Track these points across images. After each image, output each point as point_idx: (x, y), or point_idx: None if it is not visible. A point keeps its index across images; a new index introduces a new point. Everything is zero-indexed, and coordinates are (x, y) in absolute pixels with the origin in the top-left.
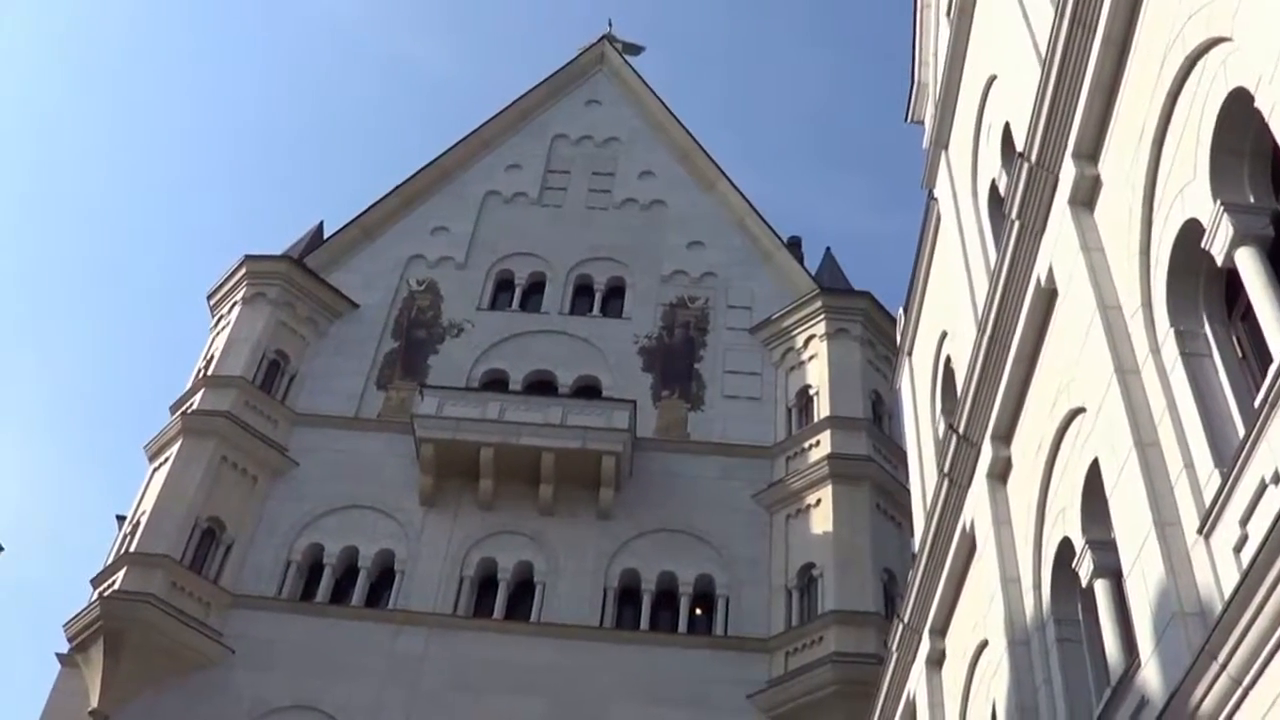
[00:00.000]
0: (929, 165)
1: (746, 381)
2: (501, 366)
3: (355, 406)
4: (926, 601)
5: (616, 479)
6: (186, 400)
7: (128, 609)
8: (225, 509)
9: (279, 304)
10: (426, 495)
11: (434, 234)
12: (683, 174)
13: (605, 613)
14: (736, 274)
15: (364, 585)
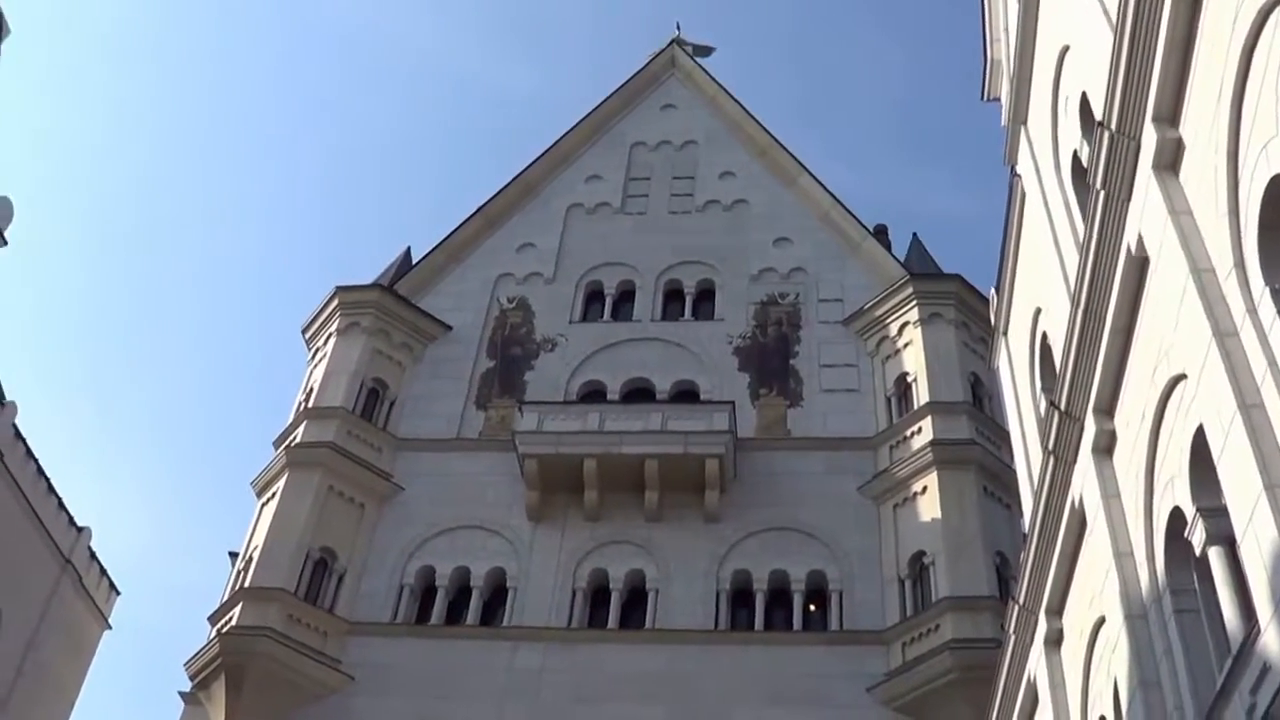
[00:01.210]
0: (1009, 142)
1: (843, 374)
2: (598, 377)
3: (456, 428)
4: (1040, 582)
5: (721, 481)
6: (290, 434)
7: (246, 643)
8: (335, 538)
9: (373, 332)
10: (533, 510)
11: (520, 251)
12: (763, 171)
13: (719, 615)
14: (825, 267)
15: (478, 604)
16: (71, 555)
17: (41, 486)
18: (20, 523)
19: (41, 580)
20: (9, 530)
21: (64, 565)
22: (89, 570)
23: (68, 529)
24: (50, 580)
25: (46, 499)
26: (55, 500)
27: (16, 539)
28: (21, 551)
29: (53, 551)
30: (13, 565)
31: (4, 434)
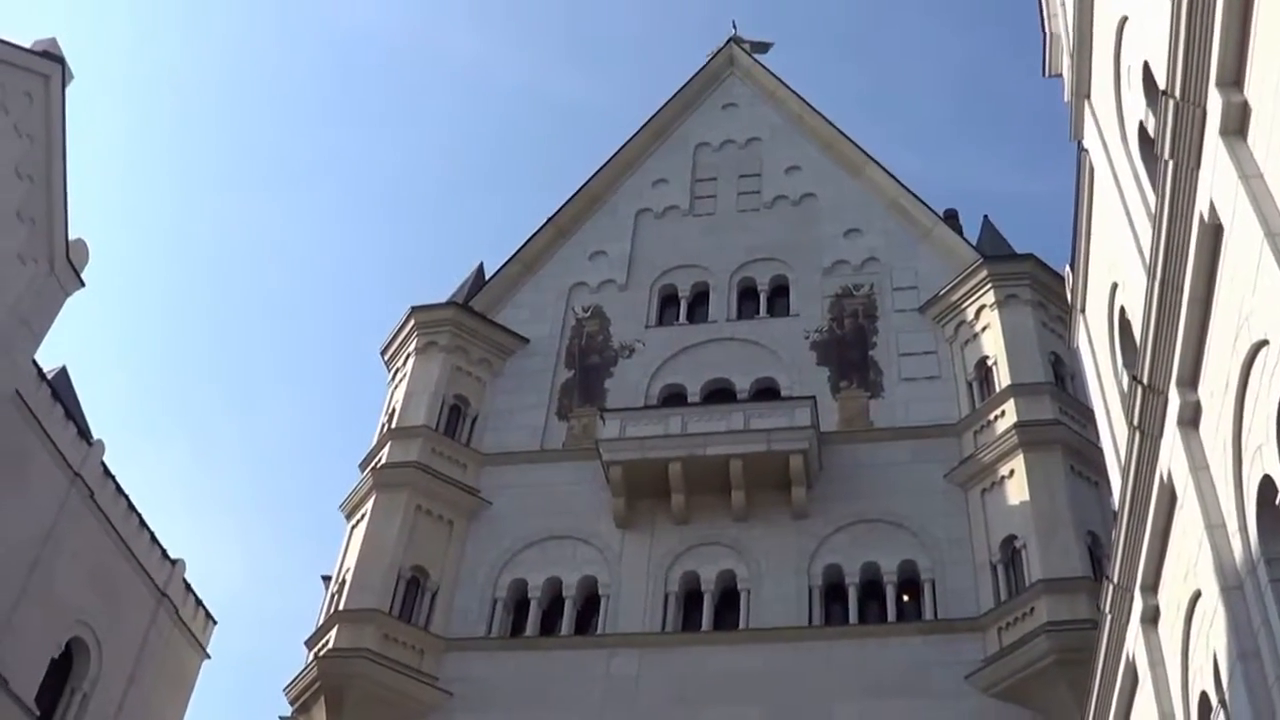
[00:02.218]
0: (1074, 117)
1: (923, 361)
2: (677, 380)
3: (539, 439)
4: (1133, 559)
5: (807, 477)
6: (375, 455)
7: (344, 665)
8: (426, 556)
9: (451, 350)
10: (621, 517)
11: (592, 259)
12: (829, 164)
13: (812, 611)
14: (897, 255)
15: (571, 614)
16: (167, 588)
17: (133, 522)
18: (114, 558)
19: (139, 614)
20: (104, 566)
21: (160, 598)
22: (185, 602)
23: (161, 562)
24: (147, 614)
25: (139, 534)
26: (148, 535)
27: (112, 574)
28: (117, 587)
29: (148, 585)
30: (110, 601)
31: (93, 472)
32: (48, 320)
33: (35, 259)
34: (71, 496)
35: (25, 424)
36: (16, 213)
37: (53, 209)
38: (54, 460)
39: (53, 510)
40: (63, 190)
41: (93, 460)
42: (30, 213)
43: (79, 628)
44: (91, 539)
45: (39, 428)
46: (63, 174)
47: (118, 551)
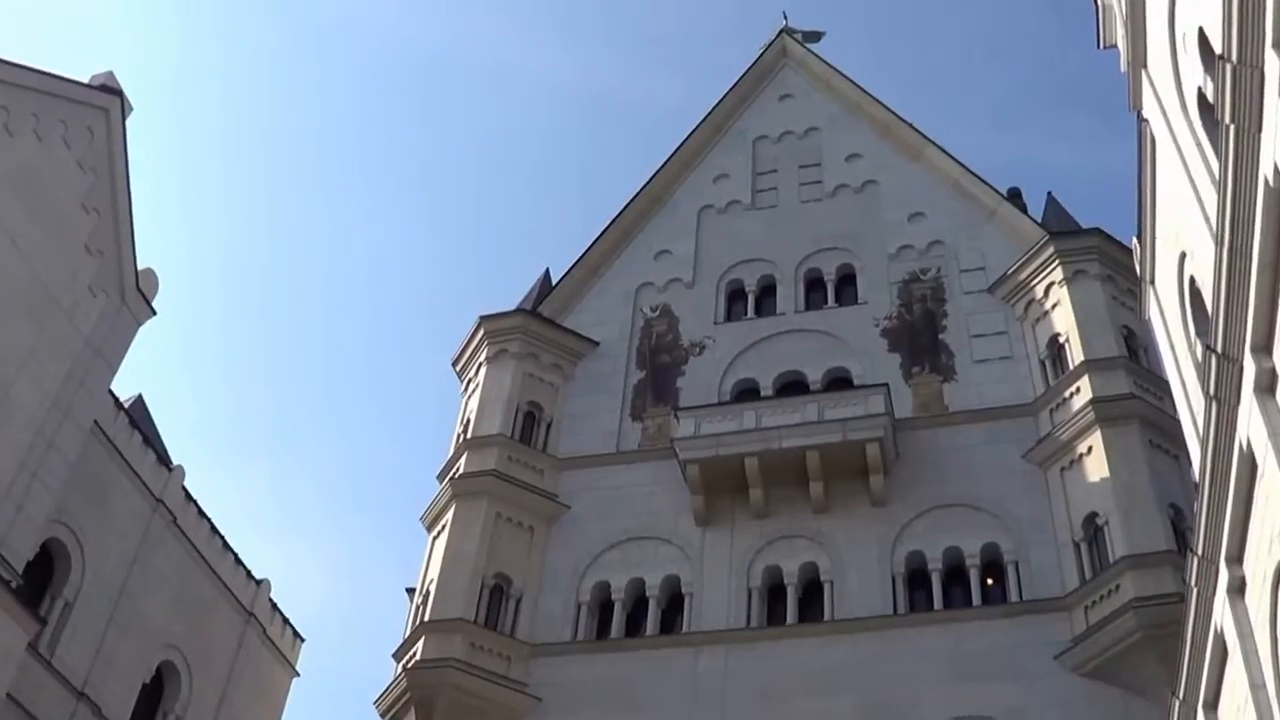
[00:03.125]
0: (1132, 87)
1: (994, 342)
2: (749, 375)
3: (615, 441)
4: (1217, 530)
5: (884, 465)
6: (452, 466)
7: (433, 675)
8: (508, 563)
9: (522, 357)
10: (700, 515)
11: (658, 259)
12: (889, 149)
13: (897, 599)
14: (963, 237)
15: (655, 614)
16: (253, 608)
17: (217, 544)
18: (200, 581)
19: (227, 635)
20: (190, 589)
21: (247, 618)
22: (272, 621)
23: (247, 583)
24: (235, 634)
25: (223, 556)
26: (231, 556)
27: (198, 597)
28: (204, 609)
29: (234, 606)
30: (197, 623)
31: (175, 497)
32: (122, 350)
33: (106, 290)
34: (154, 522)
35: (106, 454)
36: (85, 246)
37: (120, 240)
38: (135, 487)
39: (137, 537)
40: (129, 221)
41: (173, 486)
42: (99, 245)
43: (168, 651)
44: (176, 563)
45: (119, 457)
46: (128, 205)
47: (203, 574)
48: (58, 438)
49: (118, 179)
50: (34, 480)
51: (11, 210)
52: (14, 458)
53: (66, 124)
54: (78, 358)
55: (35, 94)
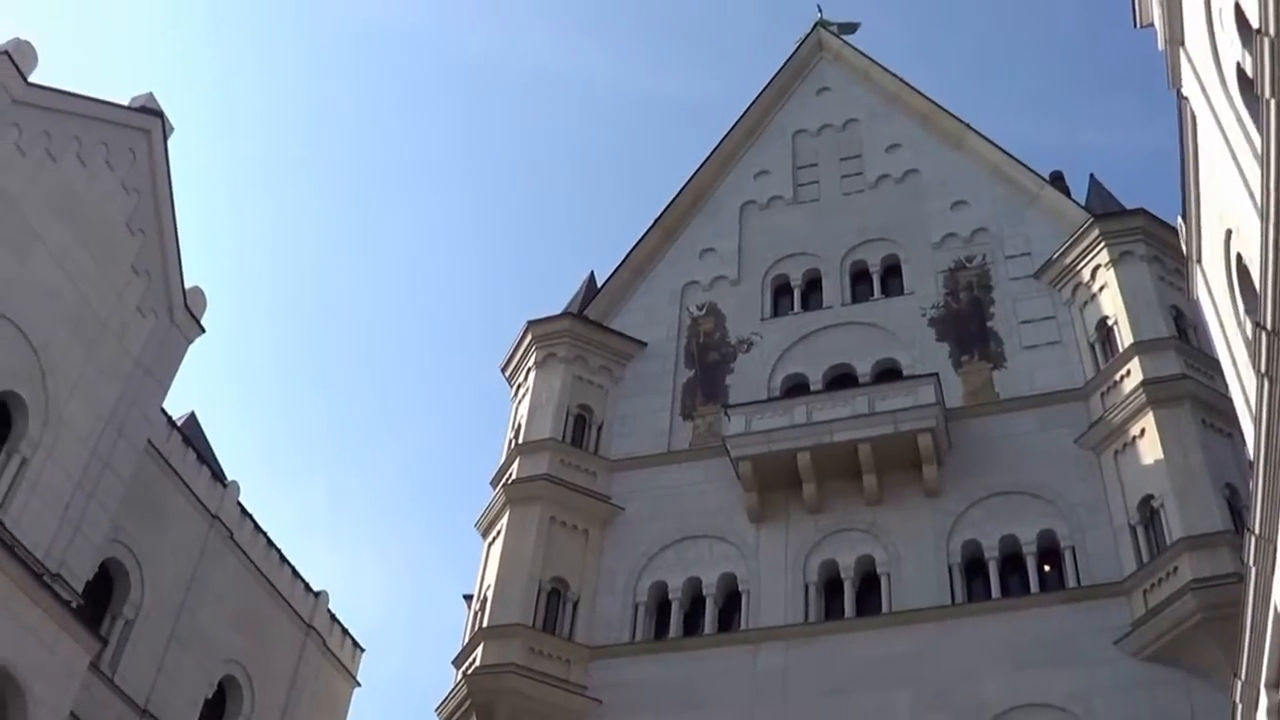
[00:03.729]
0: (1170, 65)
1: (1043, 328)
2: (798, 370)
3: (666, 441)
4: (1273, 508)
5: (937, 455)
6: (505, 471)
7: (493, 681)
8: (564, 567)
9: (570, 360)
10: (754, 512)
11: (702, 257)
12: (929, 138)
13: (954, 589)
14: (1007, 223)
15: (713, 612)
16: (312, 620)
17: (274, 558)
18: (258, 595)
19: (287, 648)
20: (249, 604)
21: (306, 630)
22: (331, 632)
23: (305, 595)
24: (295, 647)
25: (280, 569)
26: (289, 569)
27: (257, 611)
28: (264, 623)
29: (293, 619)
30: (257, 637)
31: (230, 513)
32: (172, 369)
33: (155, 310)
34: (211, 538)
35: (160, 472)
36: (132, 267)
37: (166, 260)
38: (191, 504)
39: (194, 553)
40: (174, 240)
41: (229, 501)
42: (145, 265)
43: (230, 666)
44: (234, 578)
45: (174, 474)
46: (173, 224)
47: (261, 588)
48: (113, 458)
49: (161, 199)
50: (90, 501)
51: (58, 234)
52: (70, 480)
53: (108, 146)
54: (129, 378)
55: (76, 118)
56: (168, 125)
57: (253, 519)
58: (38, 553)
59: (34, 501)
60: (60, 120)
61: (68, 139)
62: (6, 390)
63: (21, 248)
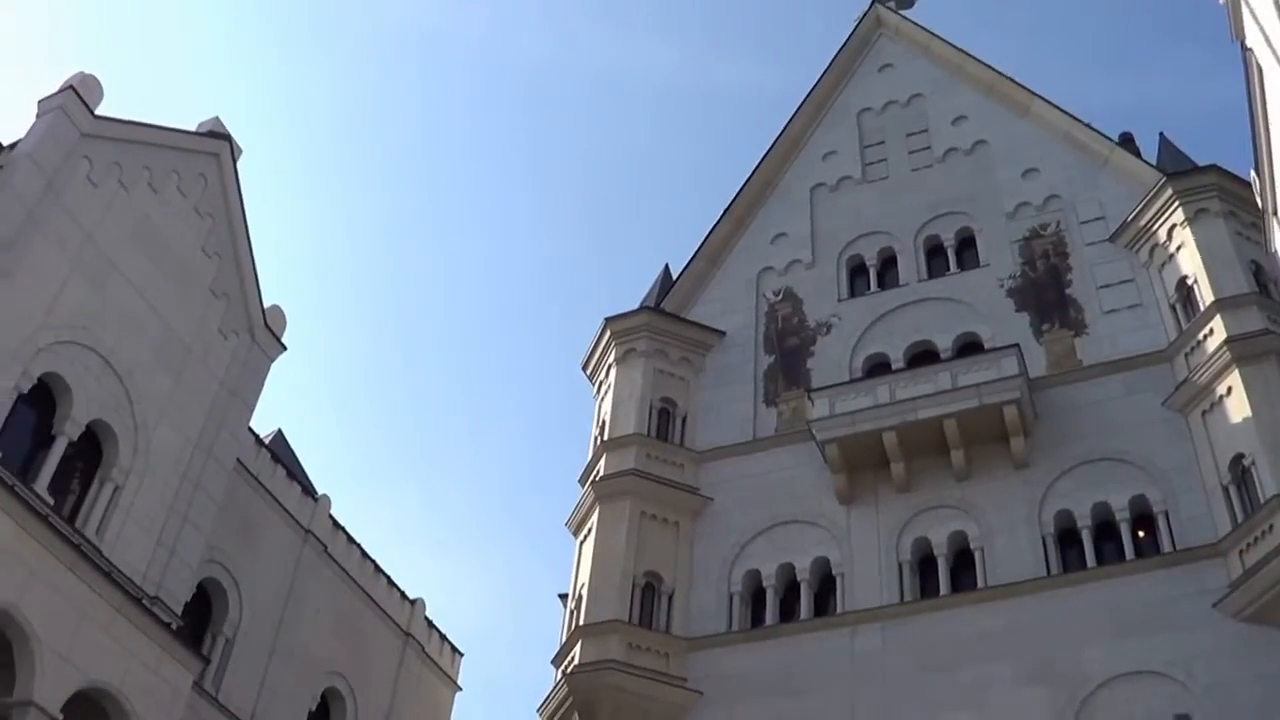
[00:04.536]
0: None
1: (1122, 291)
2: (879, 349)
3: (751, 429)
4: None
5: (1023, 426)
6: (592, 469)
7: (593, 678)
8: (657, 560)
9: (650, 354)
10: (844, 494)
11: (775, 242)
12: (995, 107)
13: (1049, 560)
14: (1079, 188)
15: (808, 597)
16: (410, 627)
17: (368, 568)
18: (355, 606)
19: (387, 657)
20: (346, 615)
21: (405, 638)
22: (429, 638)
23: (402, 603)
24: (395, 655)
25: (375, 579)
26: (384, 579)
27: (355, 622)
28: (362, 633)
29: (391, 627)
30: (357, 647)
31: (323, 526)
32: (257, 388)
33: (236, 331)
34: (305, 553)
35: (251, 490)
36: (211, 290)
37: (244, 280)
38: (284, 520)
39: (290, 568)
40: (250, 261)
41: (321, 515)
42: (224, 288)
43: (331, 678)
44: (331, 590)
45: (265, 492)
46: (247, 245)
47: (358, 599)
48: (203, 480)
49: (234, 221)
50: (184, 523)
51: (136, 263)
52: (163, 504)
53: (179, 173)
54: (215, 400)
55: (145, 147)
56: (236, 148)
57: (345, 531)
58: (135, 577)
59: (129, 527)
60: (129, 150)
61: (138, 168)
62: (95, 420)
63: (100, 279)
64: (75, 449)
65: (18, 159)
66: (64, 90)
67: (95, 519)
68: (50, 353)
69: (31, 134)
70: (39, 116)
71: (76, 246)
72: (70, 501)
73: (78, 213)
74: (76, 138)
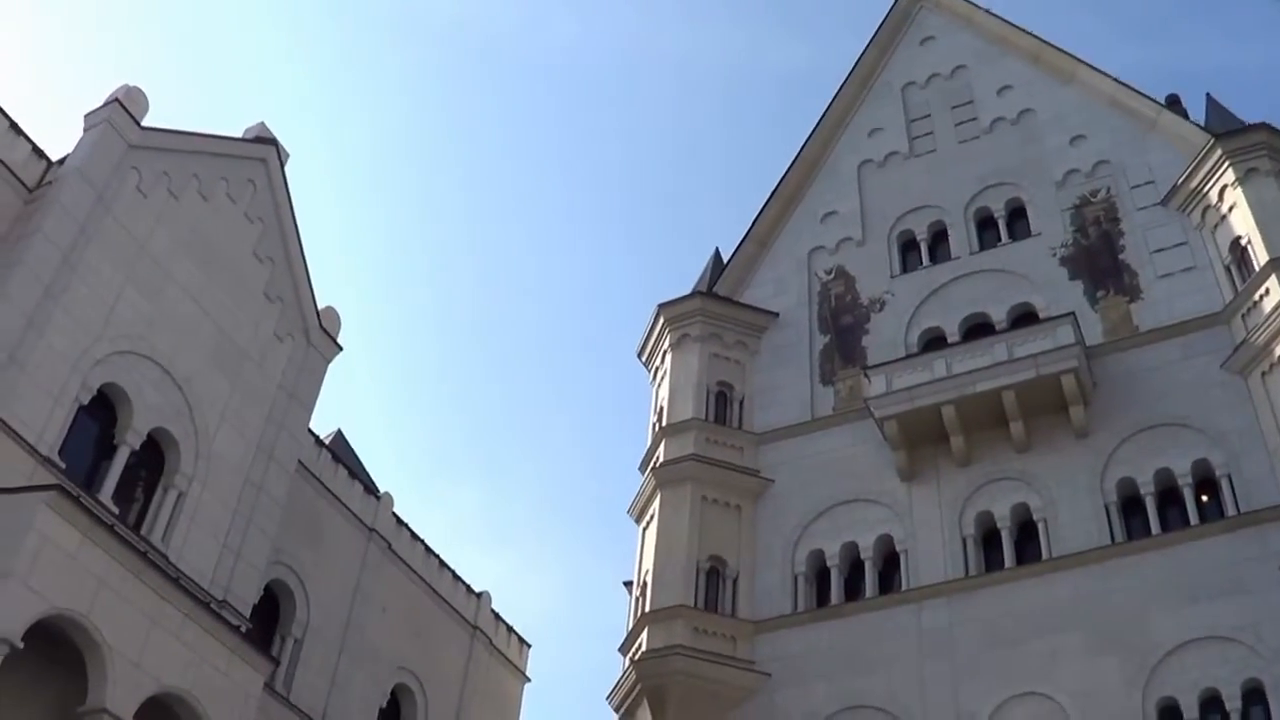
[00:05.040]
0: None
1: (1175, 255)
2: (934, 323)
3: (809, 409)
4: None
5: (1082, 395)
6: (652, 455)
7: (660, 664)
8: (721, 544)
9: (705, 338)
10: (904, 471)
11: (824, 221)
12: (1040, 75)
13: (1113, 528)
14: (1127, 153)
15: (873, 576)
16: (476, 620)
17: (433, 564)
18: (422, 602)
19: (455, 651)
20: (413, 611)
21: (472, 631)
22: (496, 631)
23: (468, 597)
24: (463, 649)
25: (440, 574)
26: (449, 574)
27: (422, 617)
28: (430, 628)
29: (458, 621)
30: (425, 642)
31: (386, 524)
32: (314, 390)
33: (291, 334)
34: (370, 551)
35: (314, 491)
36: (264, 294)
37: (297, 283)
38: (347, 520)
39: (355, 567)
40: (303, 263)
41: (384, 513)
42: (277, 292)
43: (401, 674)
44: (397, 587)
45: (327, 492)
46: (299, 248)
47: (424, 594)
48: (266, 482)
49: (285, 225)
50: (249, 526)
51: (189, 272)
52: (227, 508)
53: (228, 180)
54: (274, 403)
55: (193, 155)
56: (283, 152)
57: (409, 528)
58: (203, 582)
59: (194, 532)
60: (177, 159)
61: (187, 177)
62: (156, 428)
63: (155, 289)
64: (137, 457)
65: (67, 174)
66: (109, 104)
67: (161, 526)
68: (108, 363)
69: (79, 148)
70: (86, 130)
71: (130, 257)
72: (135, 510)
73: (129, 224)
74: (124, 150)
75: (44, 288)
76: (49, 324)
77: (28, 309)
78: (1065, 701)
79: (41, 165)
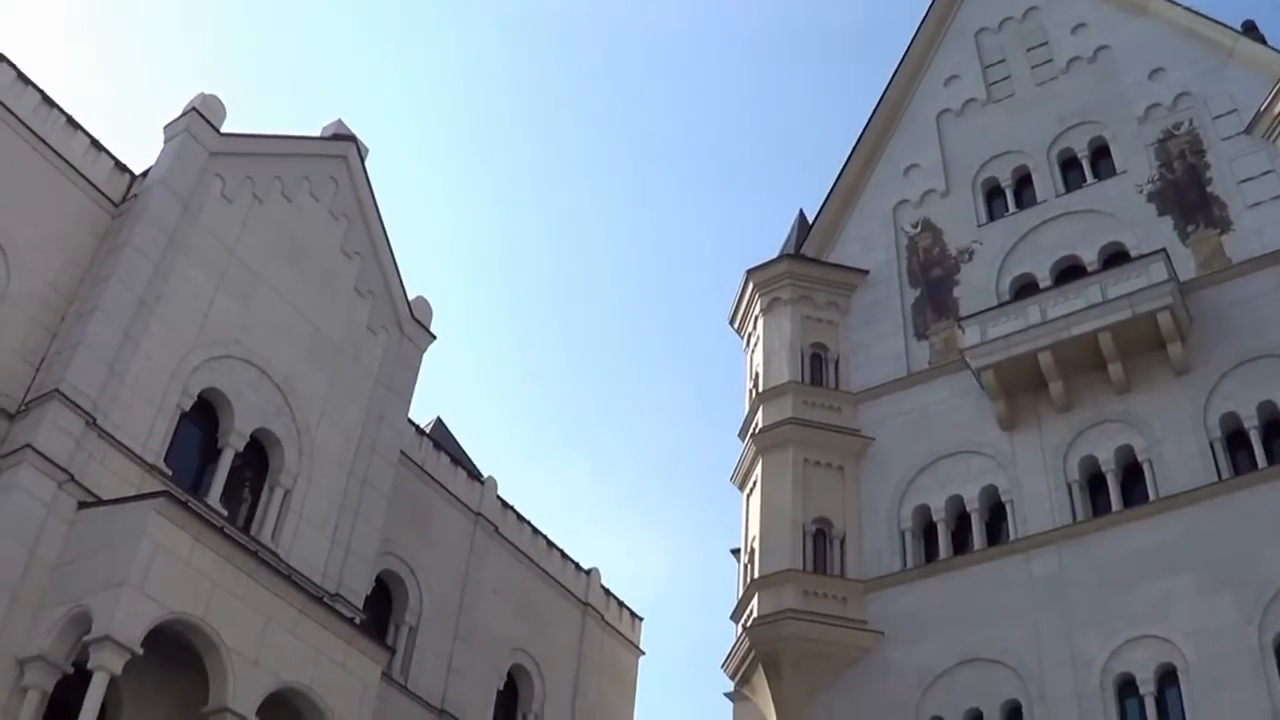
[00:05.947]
0: None
1: (1264, 183)
2: (1025, 269)
3: (905, 365)
4: None
5: (1179, 332)
6: (751, 421)
7: (773, 630)
8: (825, 506)
9: (795, 301)
10: (1005, 420)
11: (907, 174)
12: (1113, 10)
13: (1219, 465)
14: (1207, 83)
15: (980, 527)
16: (587, 597)
17: (541, 544)
18: (532, 582)
19: (568, 629)
20: (524, 592)
21: (584, 608)
22: (608, 607)
23: (577, 575)
24: (576, 626)
25: (548, 554)
26: (558, 553)
27: (533, 598)
28: (541, 608)
29: (570, 599)
30: (538, 623)
31: (492, 507)
32: (411, 380)
33: (385, 326)
34: (477, 535)
35: (418, 480)
36: (355, 289)
37: (386, 276)
38: (453, 506)
39: (464, 552)
40: (390, 256)
41: (489, 497)
42: (368, 286)
43: (517, 655)
44: (506, 569)
45: (431, 480)
46: (385, 241)
47: (533, 575)
48: (369, 475)
49: (370, 219)
50: (356, 519)
51: (280, 273)
52: (333, 502)
53: (310, 179)
54: (372, 396)
55: (273, 158)
56: (362, 148)
57: (514, 510)
58: (315, 577)
59: (303, 528)
60: (259, 163)
61: (269, 179)
62: (259, 428)
63: (246, 292)
64: (242, 459)
65: (152, 186)
66: (187, 113)
67: (270, 524)
68: (207, 369)
69: (161, 160)
70: (167, 142)
71: (219, 263)
72: (244, 510)
73: (216, 230)
74: (205, 158)
75: (138, 299)
76: (145, 335)
77: (123, 322)
78: (1180, 642)
79: (125, 179)
